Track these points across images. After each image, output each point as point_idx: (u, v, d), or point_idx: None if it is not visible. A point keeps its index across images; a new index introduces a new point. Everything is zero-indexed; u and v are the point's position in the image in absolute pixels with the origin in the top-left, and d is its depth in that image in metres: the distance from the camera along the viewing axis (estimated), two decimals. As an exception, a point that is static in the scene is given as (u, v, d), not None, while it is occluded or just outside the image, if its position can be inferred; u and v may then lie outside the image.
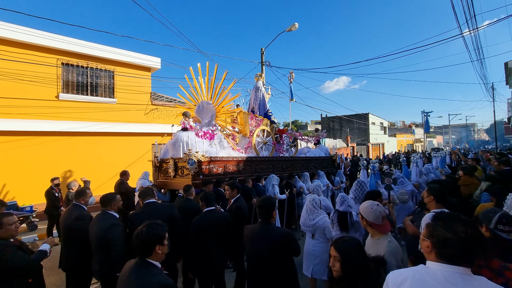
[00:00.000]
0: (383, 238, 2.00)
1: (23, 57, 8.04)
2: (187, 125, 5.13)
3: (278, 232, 2.38)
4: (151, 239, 1.69)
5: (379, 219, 2.02)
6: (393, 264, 1.78)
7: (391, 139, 37.21)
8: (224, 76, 5.48)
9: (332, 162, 8.24)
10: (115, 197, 3.01)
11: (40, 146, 8.40)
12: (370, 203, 2.11)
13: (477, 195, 4.00)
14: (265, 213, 2.40)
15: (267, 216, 2.40)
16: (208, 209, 3.12)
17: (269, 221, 2.41)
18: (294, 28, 12.46)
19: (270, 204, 2.44)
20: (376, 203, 2.11)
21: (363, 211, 2.09)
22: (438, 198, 2.66)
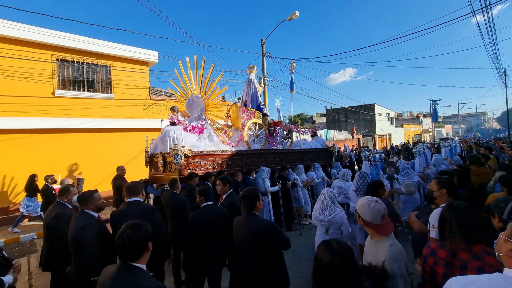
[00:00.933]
0: (383, 240, 1.72)
1: (17, 54, 8.04)
2: (175, 120, 5.04)
3: (260, 223, 2.31)
4: (144, 239, 1.57)
5: (377, 218, 1.74)
6: (396, 272, 1.53)
7: (398, 130, 36.52)
8: (212, 69, 5.35)
9: (329, 154, 8.07)
10: (92, 195, 2.92)
11: (37, 144, 8.47)
12: (368, 199, 1.84)
13: (491, 185, 3.78)
14: (248, 203, 2.38)
15: (250, 207, 2.38)
16: (206, 204, 2.96)
17: (252, 211, 2.38)
18: (295, 16, 12.14)
19: (253, 194, 2.40)
20: (374, 199, 1.83)
21: (360, 208, 1.84)
22: (450, 191, 2.40)
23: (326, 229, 3.16)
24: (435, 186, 2.49)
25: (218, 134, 5.42)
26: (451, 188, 2.42)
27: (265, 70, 13.57)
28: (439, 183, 2.46)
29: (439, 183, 2.47)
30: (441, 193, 2.42)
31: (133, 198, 2.95)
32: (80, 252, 2.63)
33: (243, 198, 2.42)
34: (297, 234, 5.50)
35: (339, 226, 3.13)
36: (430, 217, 2.21)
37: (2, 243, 6.32)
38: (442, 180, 2.49)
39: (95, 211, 2.91)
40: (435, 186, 2.49)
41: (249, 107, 6.39)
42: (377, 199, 1.83)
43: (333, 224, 3.09)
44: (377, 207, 1.77)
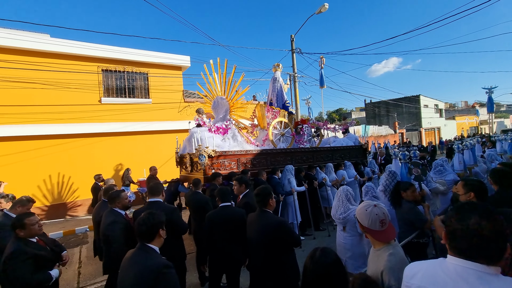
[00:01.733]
0: (384, 249, 1.58)
1: (67, 68, 9.06)
2: (200, 122, 5.22)
3: (270, 220, 2.41)
4: (157, 222, 1.90)
5: (376, 223, 1.62)
6: (392, 286, 1.43)
7: (449, 123, 33.02)
8: (234, 71, 5.42)
9: (362, 152, 7.63)
10: (119, 194, 3.18)
11: (88, 147, 9.46)
12: (367, 203, 1.74)
13: None
14: (260, 200, 2.50)
15: (262, 204, 2.49)
16: (223, 205, 3.05)
17: (264, 208, 2.48)
18: (324, 9, 11.70)
19: (265, 192, 2.52)
20: (373, 203, 1.72)
21: (358, 213, 1.75)
22: (480, 195, 2.15)
23: (343, 227, 3.15)
24: (461, 189, 2.24)
25: (242, 134, 5.48)
26: (481, 192, 2.15)
27: (295, 67, 13.32)
28: (466, 186, 2.21)
29: (466, 185, 2.22)
30: (468, 197, 2.16)
31: (154, 198, 3.13)
32: (108, 246, 2.91)
33: (256, 196, 2.53)
34: (325, 234, 5.32)
35: (354, 224, 3.05)
36: None
37: (61, 234, 7.19)
38: (470, 183, 2.24)
39: (122, 209, 3.17)
40: (462, 189, 2.24)
41: (275, 106, 6.34)
42: (376, 203, 1.71)
43: (348, 222, 3.09)
44: (375, 211, 1.65)
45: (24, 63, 8.45)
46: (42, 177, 8.60)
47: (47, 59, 8.90)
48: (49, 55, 9.01)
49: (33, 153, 8.59)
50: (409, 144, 18.92)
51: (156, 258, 1.81)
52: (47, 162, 8.72)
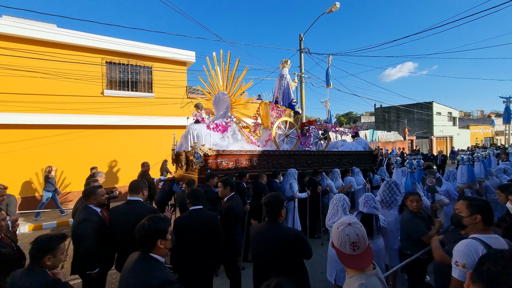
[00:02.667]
0: (355, 277, 1.33)
1: (72, 58, 8.86)
2: (198, 117, 4.87)
3: (286, 232, 2.15)
4: (152, 233, 1.66)
5: (345, 245, 1.35)
6: None
7: (463, 132, 31.92)
8: (237, 64, 5.05)
9: (372, 158, 7.16)
10: (95, 191, 2.87)
11: (88, 138, 9.25)
12: (342, 220, 1.45)
13: None
14: (272, 211, 2.21)
15: (274, 215, 2.21)
16: (193, 208, 2.80)
17: (276, 220, 2.21)
18: (335, 8, 11.27)
19: (277, 201, 2.22)
20: (349, 221, 1.42)
21: (332, 230, 1.48)
22: (487, 218, 1.81)
23: None
24: (465, 210, 1.87)
25: (243, 133, 5.10)
26: (488, 214, 1.81)
27: (302, 67, 12.89)
28: (471, 207, 1.84)
29: (471, 206, 1.85)
30: (474, 220, 1.81)
31: (134, 197, 2.82)
32: (77, 245, 2.66)
33: (266, 205, 2.23)
34: (319, 243, 4.93)
35: None
36: (454, 250, 1.70)
37: (55, 224, 7.01)
38: (475, 203, 1.86)
39: (97, 206, 2.88)
40: (466, 210, 1.86)
41: (280, 104, 5.94)
42: (353, 221, 1.42)
43: None
44: (347, 231, 1.37)
45: (28, 52, 8.29)
46: (40, 166, 8.41)
47: (51, 49, 8.73)
48: (54, 45, 8.83)
49: (32, 142, 8.41)
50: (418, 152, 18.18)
51: (157, 271, 1.59)
52: (45, 151, 8.54)
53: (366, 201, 3.26)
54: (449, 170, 5.50)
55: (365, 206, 3.21)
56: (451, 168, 5.64)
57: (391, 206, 3.73)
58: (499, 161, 9.66)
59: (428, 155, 17.41)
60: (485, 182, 5.22)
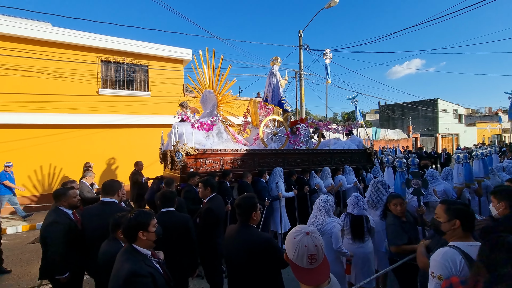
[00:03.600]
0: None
1: (66, 57, 8.88)
2: (183, 116, 4.81)
3: (255, 237, 2.03)
4: (133, 225, 1.76)
5: (302, 258, 1.20)
6: None
7: (469, 129, 31.31)
8: (221, 62, 4.96)
9: (366, 156, 7.01)
10: (66, 192, 2.82)
11: (83, 138, 9.28)
12: (299, 228, 1.29)
13: None
14: (243, 213, 2.10)
15: (245, 217, 2.10)
16: (164, 210, 2.75)
17: (247, 223, 2.10)
18: (334, 3, 11.10)
19: (249, 203, 2.11)
20: (307, 230, 1.27)
21: (286, 239, 1.32)
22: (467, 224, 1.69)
23: None
24: (443, 214, 1.74)
25: (228, 132, 5.02)
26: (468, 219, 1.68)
27: (302, 64, 12.77)
28: (449, 211, 1.71)
29: (449, 210, 1.72)
30: (452, 226, 1.68)
31: (108, 198, 2.74)
32: (45, 248, 2.60)
33: (237, 207, 2.13)
34: None
35: (329, 239, 2.74)
36: (430, 259, 1.61)
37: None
38: (453, 207, 1.72)
39: (68, 208, 2.82)
40: (444, 214, 1.74)
41: (270, 102, 5.84)
42: (311, 230, 1.27)
43: (324, 234, 2.74)
44: (305, 241, 1.22)
45: (22, 51, 8.32)
46: (34, 166, 8.48)
47: (45, 48, 8.75)
48: (48, 44, 8.85)
49: (27, 142, 8.48)
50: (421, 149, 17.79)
51: (131, 262, 1.67)
52: (41, 151, 8.59)
53: (355, 203, 3.15)
54: (446, 169, 5.34)
55: (355, 208, 3.11)
56: (449, 167, 5.47)
57: (377, 207, 3.63)
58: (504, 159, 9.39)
59: (432, 153, 17.08)
60: (485, 181, 5.03)
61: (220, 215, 3.16)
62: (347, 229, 3.10)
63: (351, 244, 3.06)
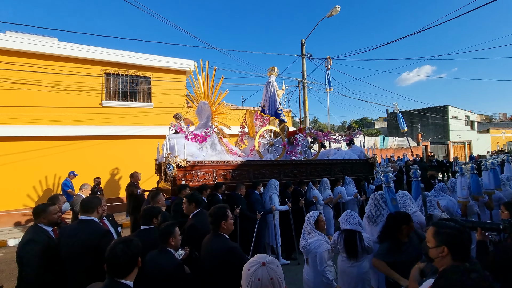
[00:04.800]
0: None
1: (71, 70, 9.12)
2: (176, 128, 4.78)
3: (220, 245, 2.15)
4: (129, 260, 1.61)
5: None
6: None
7: (482, 136, 30.34)
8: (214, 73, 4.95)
9: (368, 167, 6.79)
10: (46, 209, 2.73)
11: (87, 149, 9.40)
12: (255, 259, 1.18)
13: None
14: (213, 222, 2.24)
15: (215, 226, 2.24)
16: (143, 228, 2.66)
17: (217, 231, 2.23)
18: (336, 11, 11.11)
19: (218, 213, 2.25)
20: (263, 260, 1.16)
21: (243, 270, 1.21)
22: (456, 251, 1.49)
23: (306, 258, 2.70)
24: (431, 239, 1.54)
25: (222, 143, 4.95)
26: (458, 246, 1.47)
27: (305, 73, 12.72)
28: (437, 236, 1.50)
29: (437, 235, 1.51)
30: (441, 253, 1.47)
31: (86, 216, 2.64)
32: (20, 268, 2.46)
33: (209, 216, 2.29)
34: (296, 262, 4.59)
35: (316, 257, 2.58)
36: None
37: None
38: (443, 231, 1.50)
39: (48, 225, 2.73)
40: (431, 239, 1.54)
41: (266, 113, 5.77)
42: (268, 260, 1.15)
43: (310, 253, 2.62)
44: (259, 274, 1.11)
45: (29, 66, 8.60)
46: (38, 178, 8.60)
47: (52, 62, 9.01)
48: (54, 58, 9.12)
49: (32, 154, 8.63)
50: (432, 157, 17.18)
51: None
52: (45, 163, 8.72)
53: (348, 217, 2.97)
54: (452, 180, 5.05)
55: (348, 223, 2.91)
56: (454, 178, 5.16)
57: (377, 222, 3.43)
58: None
59: (444, 162, 16.42)
60: (496, 193, 4.70)
61: (205, 231, 3.04)
62: (341, 248, 2.92)
63: (345, 262, 2.88)
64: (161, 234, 2.33)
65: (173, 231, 2.35)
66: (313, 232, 2.69)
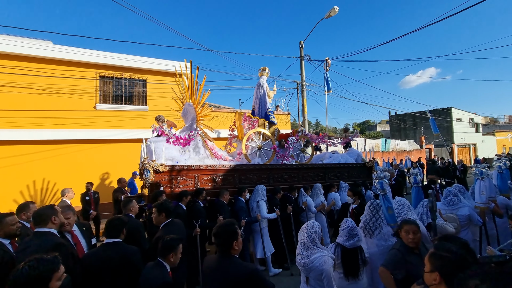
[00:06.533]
0: None
1: (65, 73, 9.01)
2: (157, 131, 4.56)
3: (238, 269, 1.79)
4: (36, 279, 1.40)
5: None
6: None
7: (487, 139, 29.71)
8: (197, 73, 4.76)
9: (366, 171, 6.48)
10: (2, 219, 2.53)
11: (80, 153, 9.24)
12: None
13: None
14: (222, 243, 1.87)
15: (225, 248, 1.86)
16: (108, 242, 2.41)
17: (228, 253, 1.86)
18: (334, 12, 10.91)
19: (229, 231, 1.87)
20: None
21: None
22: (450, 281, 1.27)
23: (306, 277, 2.32)
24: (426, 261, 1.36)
25: (206, 146, 4.70)
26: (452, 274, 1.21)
27: (303, 75, 12.49)
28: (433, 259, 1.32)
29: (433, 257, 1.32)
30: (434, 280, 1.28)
31: (40, 228, 2.41)
32: None
33: (215, 236, 1.89)
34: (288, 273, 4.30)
35: (320, 276, 2.23)
36: None
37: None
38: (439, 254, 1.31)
39: (5, 237, 2.52)
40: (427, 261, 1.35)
41: (255, 114, 5.53)
42: None
43: (311, 272, 2.25)
44: None
45: (23, 69, 8.51)
46: (32, 181, 8.45)
47: (45, 65, 8.91)
48: (48, 61, 9.02)
49: (24, 158, 8.50)
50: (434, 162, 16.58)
51: None
52: (38, 167, 8.58)
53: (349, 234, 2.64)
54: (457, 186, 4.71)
55: (348, 239, 2.62)
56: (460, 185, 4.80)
57: (374, 234, 3.14)
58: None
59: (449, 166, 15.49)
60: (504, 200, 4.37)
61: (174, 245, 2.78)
62: (338, 263, 2.63)
63: (342, 279, 2.59)
64: (163, 247, 2.23)
65: (176, 248, 2.28)
66: (315, 247, 2.34)
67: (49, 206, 2.56)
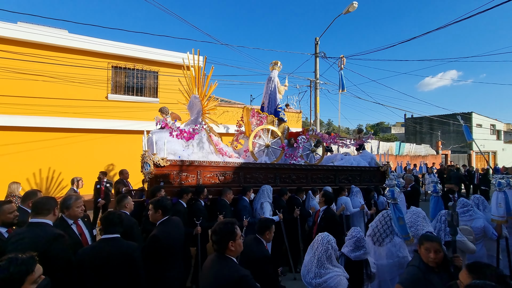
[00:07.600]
0: None
1: (79, 62, 9.05)
2: (161, 123, 4.41)
3: (229, 271, 1.74)
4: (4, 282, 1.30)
5: None
6: None
7: (509, 146, 28.26)
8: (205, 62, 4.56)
9: (380, 175, 6.13)
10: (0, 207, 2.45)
11: (90, 142, 9.30)
12: None
13: None
14: (217, 242, 1.83)
15: (220, 247, 1.83)
16: (105, 237, 2.28)
17: (223, 254, 1.83)
18: (353, 8, 10.48)
19: (226, 230, 1.84)
20: None
21: None
22: None
23: None
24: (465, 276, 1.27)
25: (211, 141, 4.51)
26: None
27: (317, 72, 12.11)
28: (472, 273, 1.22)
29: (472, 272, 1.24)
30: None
31: (38, 218, 2.29)
32: None
33: (213, 234, 1.87)
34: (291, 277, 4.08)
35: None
36: None
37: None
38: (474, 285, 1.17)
39: (2, 226, 2.45)
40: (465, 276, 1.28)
41: (265, 110, 5.30)
42: None
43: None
44: None
45: (37, 56, 8.59)
46: (42, 168, 8.57)
47: (60, 54, 8.98)
48: (63, 50, 9.08)
49: (35, 144, 8.61)
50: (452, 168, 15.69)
51: None
52: (49, 154, 8.68)
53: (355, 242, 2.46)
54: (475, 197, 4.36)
55: (354, 251, 2.43)
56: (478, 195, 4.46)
57: (384, 242, 2.90)
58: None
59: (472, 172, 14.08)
60: None
61: (171, 243, 2.61)
62: None
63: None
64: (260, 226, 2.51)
65: (270, 227, 2.51)
66: (330, 265, 2.11)
67: (50, 197, 2.45)
